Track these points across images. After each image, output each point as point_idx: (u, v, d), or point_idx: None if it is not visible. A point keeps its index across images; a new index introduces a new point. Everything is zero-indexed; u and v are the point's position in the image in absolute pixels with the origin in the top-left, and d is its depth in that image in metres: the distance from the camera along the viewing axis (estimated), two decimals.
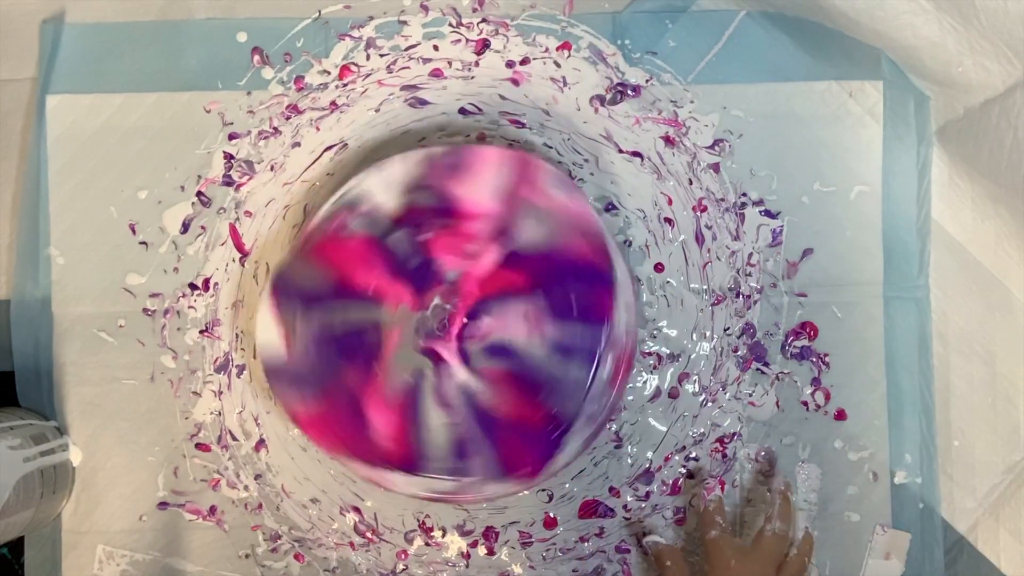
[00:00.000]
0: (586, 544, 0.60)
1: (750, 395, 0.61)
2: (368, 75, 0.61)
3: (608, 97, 0.61)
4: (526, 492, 0.60)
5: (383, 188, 0.54)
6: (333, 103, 0.61)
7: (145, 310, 0.61)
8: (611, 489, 0.60)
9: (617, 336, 0.53)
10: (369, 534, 0.60)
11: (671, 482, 0.60)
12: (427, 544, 0.60)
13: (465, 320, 0.53)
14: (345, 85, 0.61)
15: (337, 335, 0.54)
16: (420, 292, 0.53)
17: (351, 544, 0.60)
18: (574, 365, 0.52)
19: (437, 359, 0.53)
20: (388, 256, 0.54)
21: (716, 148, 0.61)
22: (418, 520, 0.60)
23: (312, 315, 0.54)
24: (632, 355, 0.57)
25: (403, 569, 0.60)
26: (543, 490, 0.60)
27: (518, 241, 0.53)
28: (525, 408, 0.53)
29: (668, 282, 0.61)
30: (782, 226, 0.61)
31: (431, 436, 0.53)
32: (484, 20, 0.61)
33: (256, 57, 0.61)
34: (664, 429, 0.61)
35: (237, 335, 0.61)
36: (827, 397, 0.60)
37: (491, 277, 0.53)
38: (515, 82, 0.61)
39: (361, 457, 0.53)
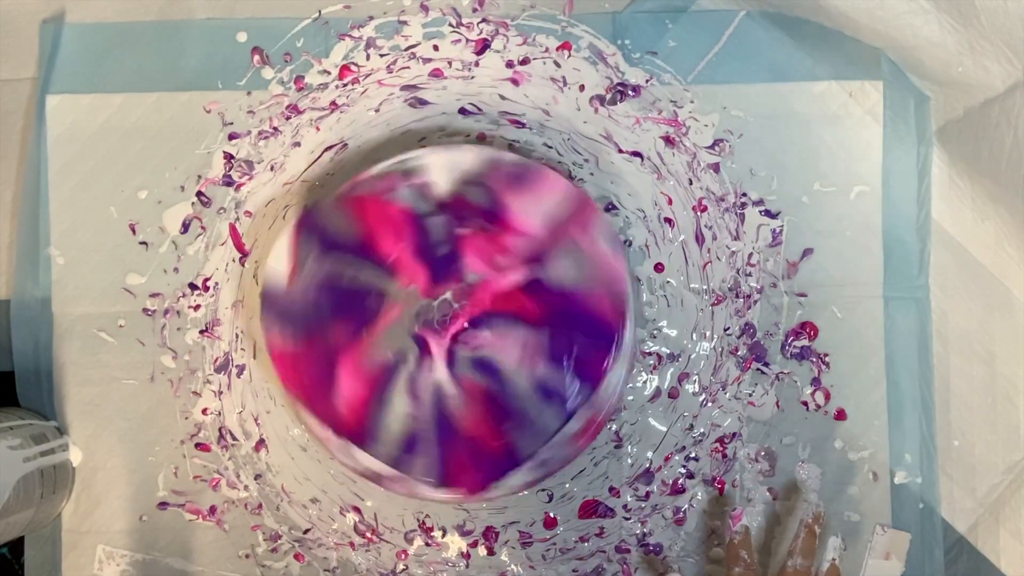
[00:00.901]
0: (586, 544, 0.60)
1: (750, 395, 0.61)
2: (368, 75, 0.61)
3: (608, 97, 0.61)
4: (523, 494, 0.60)
5: (443, 169, 0.54)
6: (333, 103, 0.61)
7: (145, 310, 0.61)
8: (611, 489, 0.60)
9: (600, 400, 0.54)
10: (369, 534, 0.60)
11: (671, 482, 0.60)
12: (427, 544, 0.60)
13: (466, 324, 0.53)
14: (345, 85, 0.61)
15: (341, 287, 0.54)
16: (435, 281, 0.54)
17: (351, 544, 0.60)
18: (549, 410, 0.53)
19: (424, 349, 0.53)
20: (420, 235, 0.54)
21: (716, 148, 0.61)
22: (418, 520, 0.60)
23: (326, 259, 0.54)
24: (601, 426, 0.58)
25: (403, 569, 0.60)
26: (543, 490, 0.60)
27: (547, 272, 0.53)
28: (487, 430, 0.53)
29: (668, 282, 0.61)
30: (782, 226, 0.61)
31: (388, 420, 0.53)
32: (484, 20, 0.61)
33: (256, 57, 0.61)
34: (664, 429, 0.61)
35: (237, 335, 0.61)
36: (827, 397, 0.60)
37: (507, 295, 0.53)
38: (515, 82, 0.61)
39: (315, 411, 0.53)
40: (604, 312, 0.53)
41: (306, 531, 0.60)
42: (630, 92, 0.61)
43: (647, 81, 0.61)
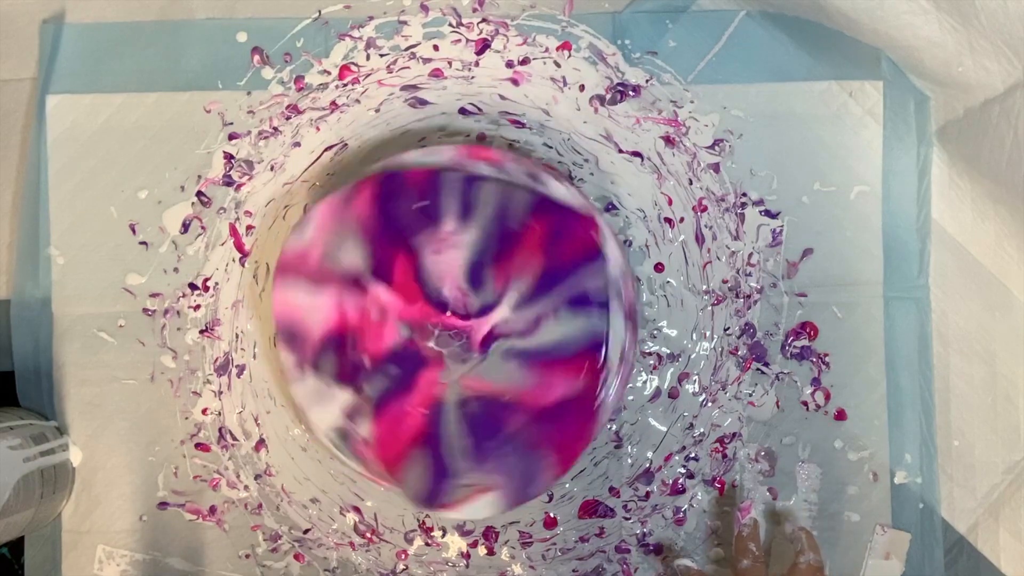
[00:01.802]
0: (586, 544, 0.60)
1: (750, 395, 0.61)
2: (368, 75, 0.61)
3: (608, 97, 0.61)
4: None
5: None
6: (333, 103, 0.61)
7: (145, 310, 0.61)
8: (611, 489, 0.60)
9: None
10: (369, 534, 0.60)
11: (671, 482, 0.60)
12: (427, 544, 0.60)
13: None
14: (345, 85, 0.61)
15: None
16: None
17: (351, 544, 0.60)
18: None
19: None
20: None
21: (716, 148, 0.61)
22: (418, 520, 0.60)
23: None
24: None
25: (403, 569, 0.60)
26: None
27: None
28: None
29: (668, 282, 0.61)
30: (782, 226, 0.61)
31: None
32: (484, 20, 0.61)
33: (256, 57, 0.61)
34: (664, 429, 0.61)
35: (237, 335, 0.61)
36: (827, 397, 0.60)
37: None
38: (515, 82, 0.61)
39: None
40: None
41: (306, 531, 0.60)
42: (630, 92, 0.61)
43: (647, 81, 0.61)
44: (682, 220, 0.61)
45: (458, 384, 0.53)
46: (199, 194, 0.61)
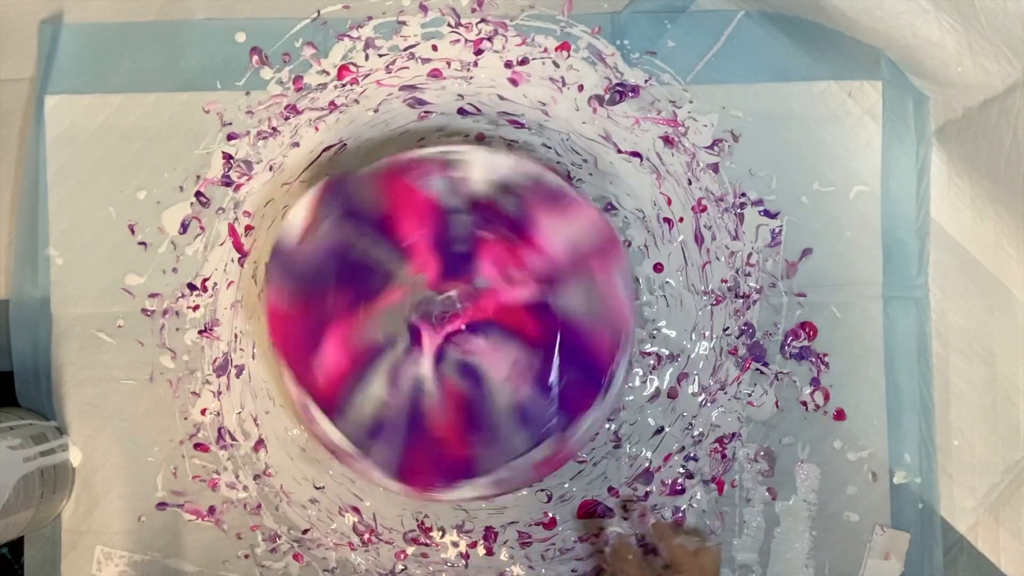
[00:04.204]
0: (585, 544, 0.60)
1: (749, 395, 0.61)
2: (367, 75, 0.61)
3: (607, 97, 0.61)
4: (523, 493, 0.60)
5: (483, 169, 0.54)
6: (332, 103, 0.61)
7: (144, 310, 0.61)
8: (610, 489, 0.60)
9: (571, 436, 0.53)
10: (368, 534, 0.60)
11: (670, 482, 0.60)
12: (426, 544, 0.60)
13: (463, 327, 0.53)
14: (344, 85, 0.61)
15: (350, 257, 0.53)
16: (445, 276, 0.53)
17: (350, 544, 0.60)
18: (521, 433, 0.52)
19: (416, 340, 0.53)
20: (442, 227, 0.54)
21: (715, 148, 0.61)
22: (417, 520, 0.60)
23: (343, 226, 0.53)
24: (567, 460, 0.56)
25: (402, 569, 0.60)
26: (542, 490, 0.60)
27: (557, 298, 0.53)
28: (454, 436, 0.53)
29: (667, 282, 0.61)
30: (781, 226, 0.61)
31: (360, 400, 0.53)
32: (483, 20, 0.61)
33: (255, 57, 0.61)
34: (664, 429, 0.61)
35: (236, 335, 0.61)
36: (826, 397, 0.60)
37: (512, 309, 0.53)
38: (514, 82, 0.61)
39: (294, 369, 0.53)
40: (602, 352, 0.53)
41: (305, 531, 0.60)
42: (629, 92, 0.61)
43: (646, 81, 0.61)
44: (681, 220, 0.61)
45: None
46: (198, 194, 0.61)
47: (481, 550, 0.60)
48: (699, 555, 0.54)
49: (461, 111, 0.61)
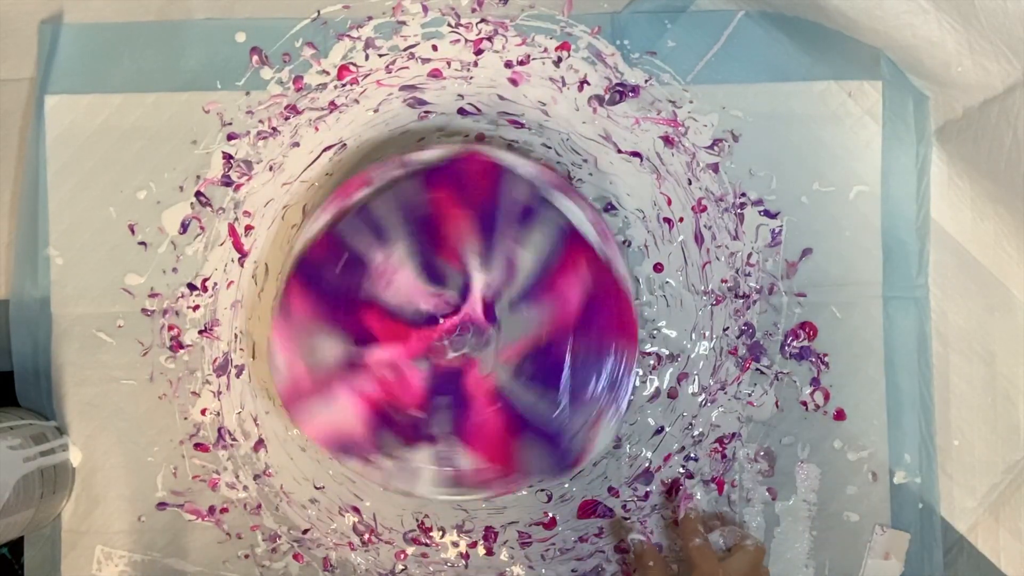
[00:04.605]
0: (585, 544, 0.60)
1: (749, 395, 0.61)
2: (367, 75, 0.61)
3: (607, 97, 0.61)
4: (524, 492, 0.60)
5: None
6: (332, 103, 0.61)
7: (144, 310, 0.61)
8: (610, 489, 0.60)
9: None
10: (368, 534, 0.60)
11: (670, 482, 0.60)
12: (426, 544, 0.60)
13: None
14: (344, 85, 0.61)
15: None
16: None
17: (350, 544, 0.60)
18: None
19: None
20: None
21: (715, 148, 0.61)
22: (417, 520, 0.60)
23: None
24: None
25: (402, 569, 0.60)
26: (542, 490, 0.60)
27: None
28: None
29: (667, 282, 0.61)
30: (781, 226, 0.61)
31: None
32: (483, 20, 0.61)
33: (255, 57, 0.61)
34: (664, 429, 0.61)
35: (236, 335, 0.61)
36: (826, 397, 0.60)
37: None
38: (514, 82, 0.61)
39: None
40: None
41: (305, 531, 0.60)
42: (629, 92, 0.61)
43: (646, 81, 0.61)
44: (681, 220, 0.61)
45: (499, 364, 0.54)
46: (198, 194, 0.61)
47: (481, 550, 0.60)
48: (733, 556, 0.54)
49: (461, 111, 0.61)
